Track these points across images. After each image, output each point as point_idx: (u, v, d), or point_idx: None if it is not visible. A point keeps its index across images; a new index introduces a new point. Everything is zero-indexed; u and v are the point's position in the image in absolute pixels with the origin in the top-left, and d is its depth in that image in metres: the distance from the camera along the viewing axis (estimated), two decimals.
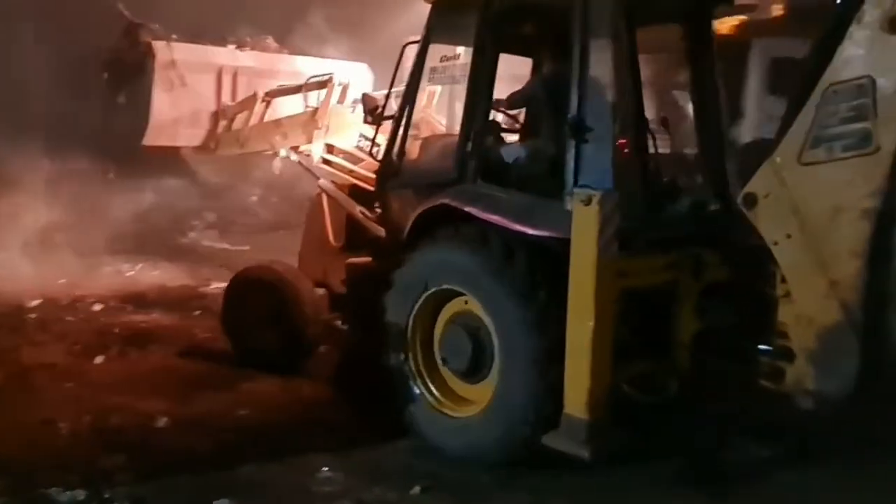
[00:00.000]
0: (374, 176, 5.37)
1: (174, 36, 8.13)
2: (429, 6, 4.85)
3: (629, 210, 3.91)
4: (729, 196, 4.50)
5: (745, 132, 7.45)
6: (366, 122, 5.50)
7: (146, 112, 7.80)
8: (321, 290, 5.92)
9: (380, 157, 5.16)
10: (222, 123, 7.90)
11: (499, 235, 4.18)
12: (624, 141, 4.25)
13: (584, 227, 3.69)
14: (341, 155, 6.55)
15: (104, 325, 6.98)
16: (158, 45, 7.86)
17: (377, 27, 11.98)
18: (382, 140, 5.25)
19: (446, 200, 4.47)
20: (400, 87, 5.22)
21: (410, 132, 5.07)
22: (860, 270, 3.28)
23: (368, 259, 5.48)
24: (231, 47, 8.75)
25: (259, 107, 7.62)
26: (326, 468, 4.23)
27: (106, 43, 8.65)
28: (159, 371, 5.89)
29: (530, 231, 4.09)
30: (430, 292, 4.52)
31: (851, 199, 3.26)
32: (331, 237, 6.01)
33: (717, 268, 4.28)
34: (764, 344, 3.87)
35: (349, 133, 6.68)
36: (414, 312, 4.59)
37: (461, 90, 4.81)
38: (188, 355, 6.30)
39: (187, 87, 7.95)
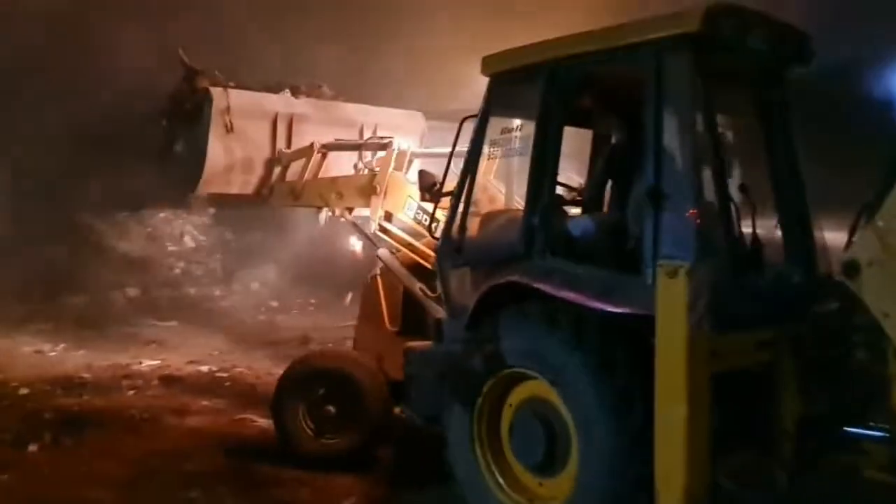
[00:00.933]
0: (433, 253, 5.15)
1: (231, 83, 8.10)
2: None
3: (716, 283, 3.56)
4: (814, 266, 4.26)
5: None
6: (423, 199, 5.33)
7: (201, 159, 7.74)
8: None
9: (438, 233, 4.91)
10: (277, 171, 7.86)
11: (571, 314, 3.85)
12: (696, 211, 3.80)
13: (672, 303, 3.31)
14: (399, 226, 6.23)
15: (33, 411, 6.60)
16: (215, 91, 7.82)
17: (434, 81, 12.15)
18: (442, 217, 4.99)
19: (514, 277, 4.14)
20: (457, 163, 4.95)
21: (471, 207, 4.79)
22: None
23: (429, 343, 5.14)
24: (286, 93, 8.62)
25: (315, 159, 7.60)
26: None
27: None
28: (98, 457, 5.61)
29: (611, 308, 3.69)
30: (497, 377, 4.16)
31: None
32: (386, 320, 5.74)
33: (815, 345, 3.82)
34: (877, 430, 3.49)
35: (405, 202, 6.33)
36: (480, 399, 4.23)
37: (519, 161, 4.65)
38: (128, 438, 6.08)
39: (242, 133, 7.89)
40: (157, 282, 12.82)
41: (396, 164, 6.54)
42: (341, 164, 7.56)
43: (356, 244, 13.79)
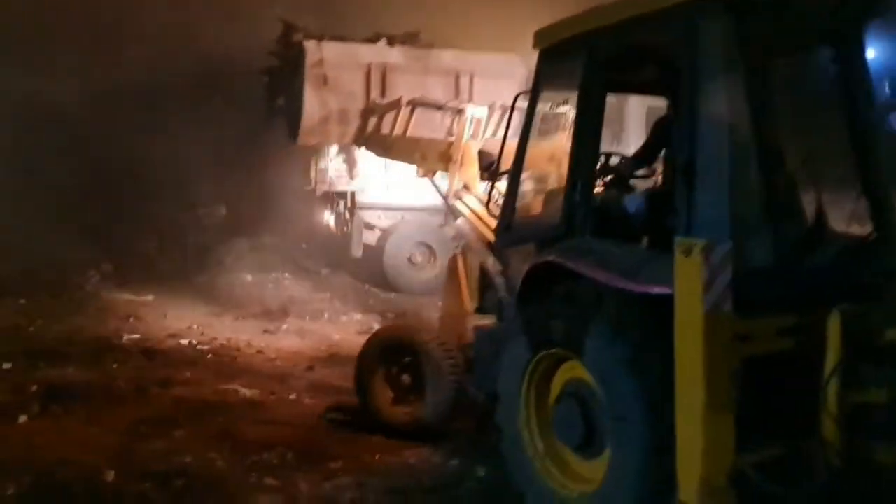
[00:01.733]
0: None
1: (326, 36, 8.54)
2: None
3: (756, 262, 3.52)
4: (894, 238, 3.94)
5: None
6: (482, 178, 5.42)
7: (299, 111, 8.10)
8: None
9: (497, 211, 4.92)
10: (372, 121, 7.96)
11: (609, 295, 3.70)
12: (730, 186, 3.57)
13: (687, 283, 3.14)
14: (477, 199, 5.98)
15: (19, 384, 6.66)
16: (309, 45, 8.26)
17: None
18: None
19: (551, 258, 4.07)
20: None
21: (528, 185, 4.80)
22: None
23: (493, 321, 5.19)
24: (381, 43, 8.87)
25: (404, 112, 7.66)
26: None
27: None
28: (89, 425, 5.74)
29: (635, 288, 3.56)
30: (540, 356, 4.14)
31: None
32: (465, 298, 5.67)
33: (882, 327, 3.44)
34: None
35: (478, 174, 6.15)
36: (526, 377, 4.20)
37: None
38: (116, 408, 6.20)
39: (337, 84, 8.23)
40: (131, 256, 12.83)
41: (473, 133, 6.42)
42: (434, 121, 7.55)
43: (330, 218, 13.94)
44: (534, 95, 4.59)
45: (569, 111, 4.55)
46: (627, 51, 4.14)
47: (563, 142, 4.95)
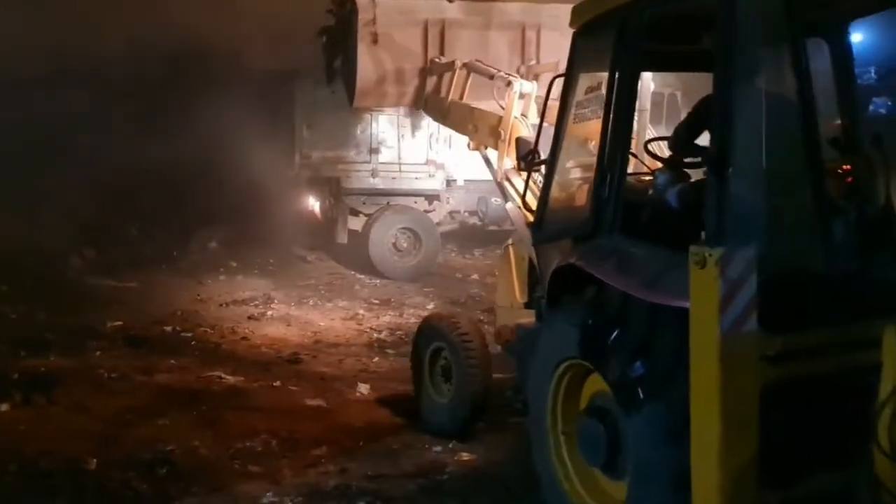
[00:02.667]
0: None
1: None
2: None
3: (799, 268, 3.16)
4: None
5: None
6: (518, 168, 5.00)
7: (353, 73, 7.72)
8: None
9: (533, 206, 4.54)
10: (431, 82, 7.66)
11: (632, 304, 3.31)
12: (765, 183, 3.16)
13: (702, 299, 2.77)
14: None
15: (0, 372, 6.61)
16: (361, 2, 7.70)
17: None
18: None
19: (573, 260, 3.75)
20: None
21: (566, 176, 4.39)
22: None
23: (534, 320, 4.83)
24: (442, 2, 8.08)
25: (459, 76, 7.19)
26: None
27: None
28: (72, 414, 5.75)
29: (653, 298, 3.18)
30: (567, 363, 3.78)
31: None
32: (516, 291, 5.32)
33: None
34: None
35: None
36: (553, 385, 3.86)
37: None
38: (99, 396, 6.19)
39: (393, 43, 7.73)
40: (114, 242, 12.75)
41: (523, 109, 5.80)
42: (491, 87, 6.72)
43: (315, 203, 13.90)
44: (568, 79, 4.19)
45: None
46: (663, 22, 3.70)
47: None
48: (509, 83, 5.97)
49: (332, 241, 13.13)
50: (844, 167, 3.63)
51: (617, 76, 3.75)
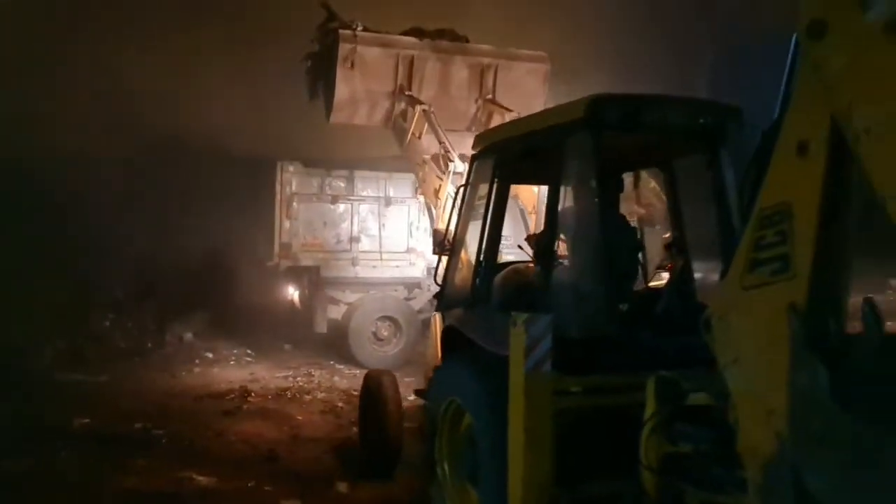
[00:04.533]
0: None
1: (361, 26, 9.52)
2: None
3: (590, 334, 4.29)
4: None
5: None
6: (434, 252, 6.13)
7: (331, 92, 9.26)
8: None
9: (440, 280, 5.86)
10: (398, 107, 9.24)
11: (483, 354, 4.53)
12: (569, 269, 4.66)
13: (515, 349, 3.95)
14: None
15: None
16: (343, 34, 9.28)
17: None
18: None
19: (451, 321, 5.23)
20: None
21: (462, 260, 5.68)
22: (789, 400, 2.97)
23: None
24: (412, 37, 9.88)
25: (419, 115, 8.75)
26: None
27: None
28: None
29: (493, 349, 4.42)
30: (447, 401, 4.98)
31: (779, 326, 2.98)
32: (438, 353, 5.86)
33: (688, 392, 3.83)
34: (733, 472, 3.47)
35: None
36: (440, 419, 5.04)
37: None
38: (60, 499, 5.87)
39: (368, 71, 9.29)
40: (85, 333, 12.45)
41: (455, 182, 7.09)
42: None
43: (294, 293, 13.73)
44: (465, 189, 5.61)
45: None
46: (524, 153, 5.02)
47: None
48: (449, 158, 7.28)
49: (312, 330, 12.91)
50: (669, 265, 5.08)
51: (494, 190, 5.13)
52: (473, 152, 5.51)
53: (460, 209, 5.57)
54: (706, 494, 3.63)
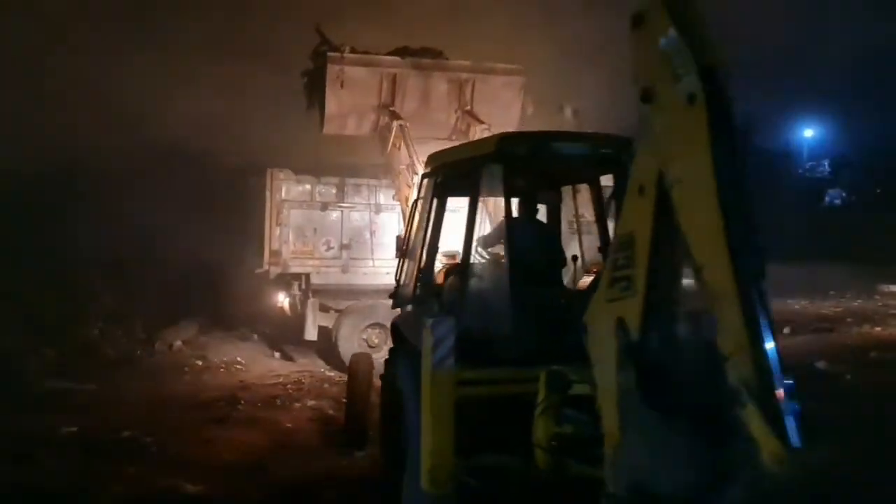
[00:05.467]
0: None
1: (348, 48, 10.77)
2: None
3: (490, 333, 5.08)
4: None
5: None
6: (396, 256, 6.71)
7: (323, 107, 10.66)
8: None
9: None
10: (383, 119, 10.47)
11: (413, 350, 5.17)
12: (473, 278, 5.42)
13: (425, 346, 4.76)
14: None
15: None
16: (331, 55, 10.56)
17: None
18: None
19: (396, 319, 6.32)
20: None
21: (410, 264, 6.33)
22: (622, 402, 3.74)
23: None
24: (395, 58, 10.99)
25: (396, 130, 10.01)
26: None
27: None
28: None
29: (415, 343, 5.14)
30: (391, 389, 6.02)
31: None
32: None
33: (579, 382, 4.49)
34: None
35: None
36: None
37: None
38: None
39: (354, 87, 10.55)
40: (74, 342, 12.38)
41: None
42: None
43: (284, 300, 13.70)
44: (416, 203, 6.37)
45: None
46: (458, 175, 5.83)
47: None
48: (414, 174, 8.36)
49: (302, 337, 12.88)
50: (594, 269, 5.74)
51: (434, 203, 5.92)
52: (424, 171, 6.31)
53: (412, 218, 6.41)
54: (584, 468, 4.40)
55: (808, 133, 40.31)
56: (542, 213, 6.29)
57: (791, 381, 3.08)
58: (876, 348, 11.91)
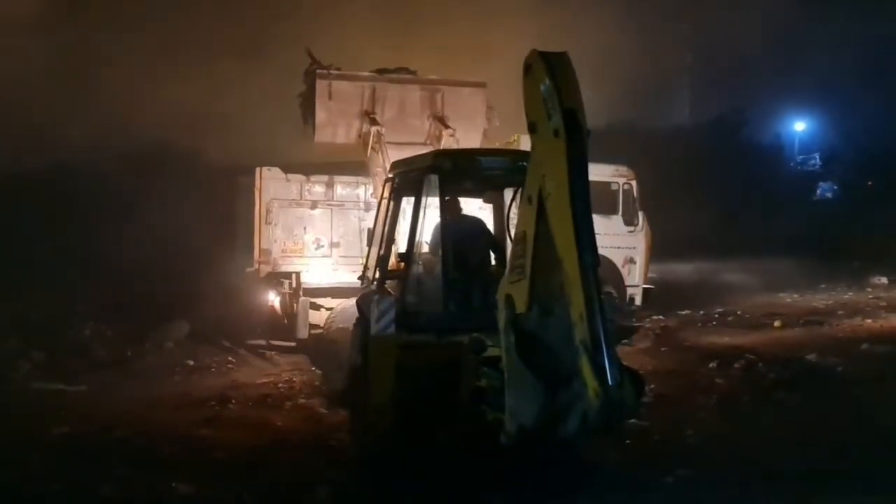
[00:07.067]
0: None
1: (335, 68, 12.59)
2: None
3: (427, 308, 6.82)
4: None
5: None
6: (366, 245, 8.27)
7: (314, 118, 12.44)
8: None
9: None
10: (365, 126, 12.23)
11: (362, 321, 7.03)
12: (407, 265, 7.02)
13: (371, 318, 6.52)
14: None
15: None
16: (320, 73, 12.41)
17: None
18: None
19: (357, 298, 7.88)
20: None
21: (376, 251, 7.74)
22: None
23: None
24: (375, 74, 12.83)
25: (374, 135, 11.94)
26: None
27: None
28: None
29: (367, 316, 6.79)
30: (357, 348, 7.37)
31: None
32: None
33: (493, 346, 5.87)
34: None
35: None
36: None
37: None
38: None
39: (341, 100, 12.38)
40: (64, 343, 12.32)
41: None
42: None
43: (275, 299, 13.67)
44: (380, 201, 8.05)
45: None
46: (408, 181, 7.45)
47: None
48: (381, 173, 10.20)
49: (293, 336, 12.86)
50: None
51: (391, 204, 7.65)
52: (386, 176, 7.93)
53: (377, 216, 7.91)
54: (497, 413, 5.42)
55: (800, 127, 40.44)
56: (488, 213, 7.95)
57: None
58: (867, 341, 11.97)
